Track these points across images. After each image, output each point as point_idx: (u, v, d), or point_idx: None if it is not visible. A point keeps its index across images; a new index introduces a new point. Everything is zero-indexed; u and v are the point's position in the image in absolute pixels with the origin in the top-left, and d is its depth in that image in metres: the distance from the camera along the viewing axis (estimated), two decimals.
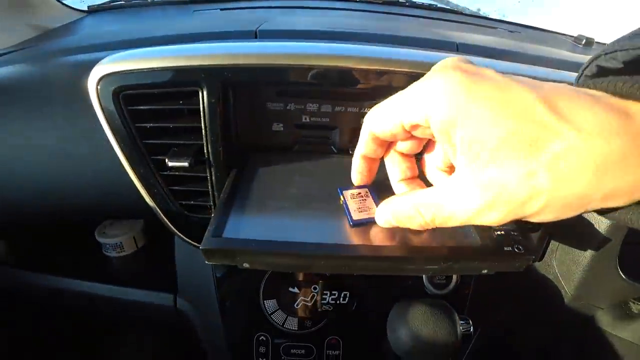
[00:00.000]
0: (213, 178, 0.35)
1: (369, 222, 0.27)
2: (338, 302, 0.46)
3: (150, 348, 0.67)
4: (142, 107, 0.33)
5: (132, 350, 0.67)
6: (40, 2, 0.64)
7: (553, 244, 0.41)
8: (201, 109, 0.33)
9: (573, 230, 0.38)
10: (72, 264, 0.53)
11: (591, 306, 0.40)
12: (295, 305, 0.46)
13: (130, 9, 0.71)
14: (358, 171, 0.28)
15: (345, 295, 0.46)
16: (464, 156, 0.17)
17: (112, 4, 0.72)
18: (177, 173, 0.35)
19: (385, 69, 0.32)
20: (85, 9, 0.71)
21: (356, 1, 0.71)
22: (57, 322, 0.62)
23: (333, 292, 0.46)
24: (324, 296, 0.46)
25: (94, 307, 0.51)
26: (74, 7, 0.70)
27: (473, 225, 0.30)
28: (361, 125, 0.25)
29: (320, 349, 0.47)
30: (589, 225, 0.36)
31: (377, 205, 0.26)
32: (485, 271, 0.28)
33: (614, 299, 0.39)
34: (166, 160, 0.34)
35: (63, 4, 0.69)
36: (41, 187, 0.39)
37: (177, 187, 0.36)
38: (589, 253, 0.37)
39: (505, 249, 0.28)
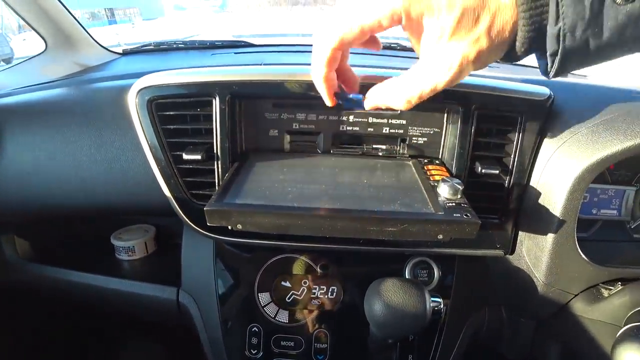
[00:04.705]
0: (220, 170, 0.46)
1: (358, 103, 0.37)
2: (327, 296, 0.53)
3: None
4: (168, 113, 0.46)
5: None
6: (82, 43, 0.84)
7: (521, 235, 0.48)
8: (214, 114, 0.45)
9: (535, 217, 0.45)
10: (85, 263, 0.62)
11: (563, 292, 0.46)
12: (287, 298, 0.53)
13: (158, 52, 0.90)
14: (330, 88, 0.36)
15: (333, 290, 0.53)
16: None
17: (143, 47, 0.91)
18: (190, 166, 0.47)
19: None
20: (121, 51, 0.90)
21: None
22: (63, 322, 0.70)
23: (322, 287, 0.53)
24: (313, 291, 0.53)
25: (102, 301, 0.60)
26: (111, 49, 0.90)
27: (428, 197, 0.39)
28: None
29: (308, 342, 0.53)
30: (546, 210, 0.44)
31: None
32: (441, 236, 0.37)
33: (583, 284, 0.45)
34: (183, 154, 0.45)
35: (102, 46, 0.88)
36: (73, 187, 0.51)
37: (189, 179, 0.47)
38: (550, 237, 0.44)
39: (455, 215, 0.36)
